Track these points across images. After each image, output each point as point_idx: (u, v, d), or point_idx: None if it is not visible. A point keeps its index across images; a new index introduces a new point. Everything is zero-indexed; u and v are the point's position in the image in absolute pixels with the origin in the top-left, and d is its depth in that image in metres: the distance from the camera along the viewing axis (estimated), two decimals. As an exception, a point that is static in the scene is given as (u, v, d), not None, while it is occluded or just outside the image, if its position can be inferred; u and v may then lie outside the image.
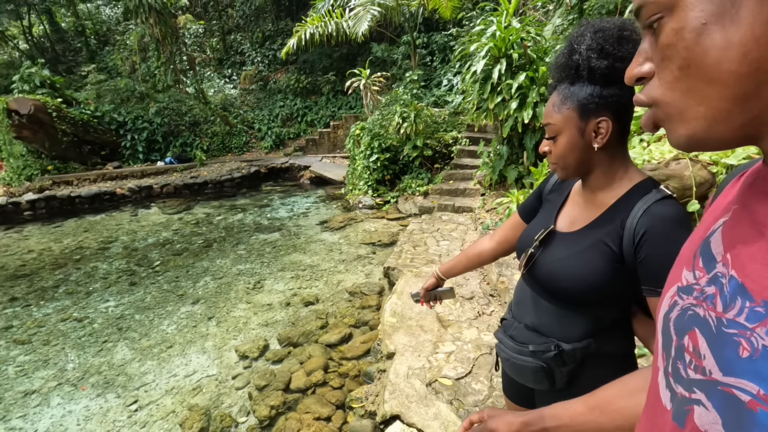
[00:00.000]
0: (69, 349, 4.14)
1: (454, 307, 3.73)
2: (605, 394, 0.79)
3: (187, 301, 4.98)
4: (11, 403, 3.43)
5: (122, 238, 7.31)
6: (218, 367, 3.76)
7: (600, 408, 0.78)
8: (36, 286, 5.52)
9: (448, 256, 4.88)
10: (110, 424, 3.18)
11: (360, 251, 6.14)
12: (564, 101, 1.04)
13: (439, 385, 2.71)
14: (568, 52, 1.03)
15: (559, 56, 1.07)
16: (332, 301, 4.76)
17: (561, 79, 1.07)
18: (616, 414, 0.76)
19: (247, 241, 6.91)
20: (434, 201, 6.97)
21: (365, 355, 3.64)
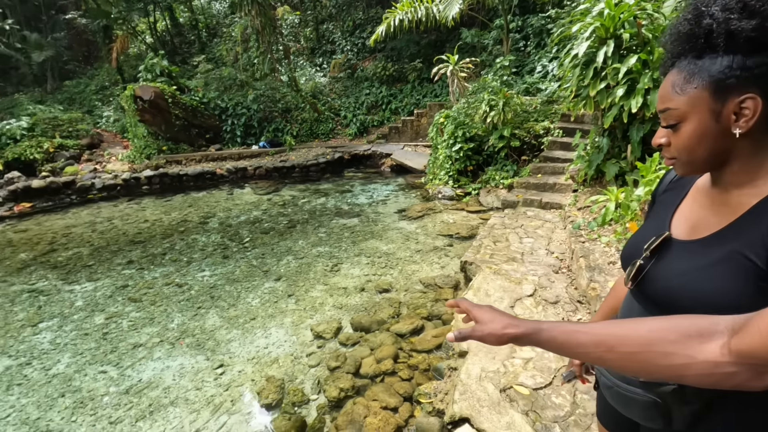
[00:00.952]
0: (170, 310, 4.63)
1: (535, 310, 3.47)
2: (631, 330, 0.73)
3: (270, 277, 5.29)
4: (123, 353, 3.93)
5: (219, 214, 8.00)
6: (294, 343, 3.93)
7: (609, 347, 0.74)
8: (148, 252, 6.26)
9: (532, 254, 4.56)
10: (199, 383, 3.49)
11: (437, 242, 6.02)
12: (689, 79, 0.82)
13: (514, 392, 2.52)
14: (693, 17, 0.81)
15: (678, 24, 0.85)
16: (406, 291, 4.72)
17: (681, 52, 0.85)
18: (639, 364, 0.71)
19: (328, 224, 7.14)
20: (519, 195, 6.57)
21: (436, 350, 3.55)
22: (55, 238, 6.94)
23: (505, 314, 0.86)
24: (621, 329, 0.73)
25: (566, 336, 0.77)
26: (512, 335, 0.81)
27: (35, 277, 5.49)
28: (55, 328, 4.35)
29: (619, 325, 0.75)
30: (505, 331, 0.82)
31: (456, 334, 0.89)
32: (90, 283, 5.32)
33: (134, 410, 3.24)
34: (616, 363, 0.72)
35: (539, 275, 4.04)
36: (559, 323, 0.80)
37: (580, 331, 0.76)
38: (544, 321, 0.82)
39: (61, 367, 3.76)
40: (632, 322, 0.74)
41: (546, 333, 0.79)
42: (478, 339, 0.85)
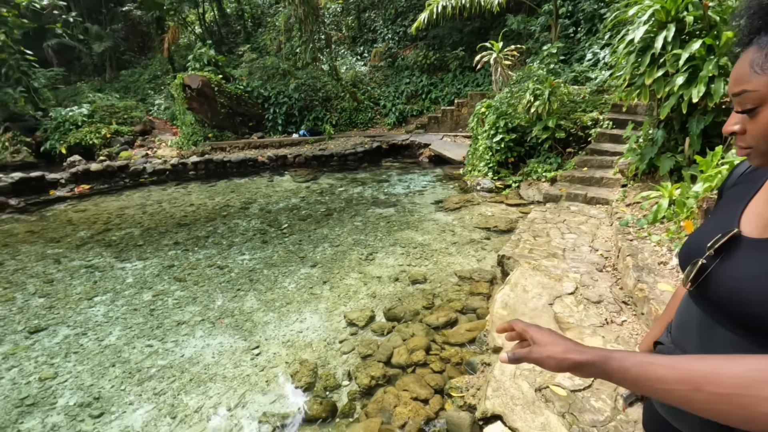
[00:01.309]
0: (212, 291, 4.82)
1: (576, 309, 3.32)
2: (714, 368, 0.62)
3: (306, 263, 5.38)
4: (168, 329, 4.14)
5: (259, 200, 8.23)
6: (328, 329, 3.99)
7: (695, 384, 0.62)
8: (193, 234, 6.55)
9: (574, 251, 4.36)
10: (236, 362, 3.62)
11: (473, 235, 5.90)
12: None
13: (550, 392, 2.43)
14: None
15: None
16: (440, 283, 4.67)
17: (762, 27, 0.74)
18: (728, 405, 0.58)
19: (364, 213, 7.17)
20: (563, 189, 6.30)
21: (469, 344, 3.49)
22: (110, 218, 7.39)
23: (567, 338, 0.78)
24: (711, 365, 0.62)
25: (642, 368, 0.66)
26: (575, 361, 0.73)
27: (92, 254, 5.89)
28: (108, 302, 4.65)
29: (708, 360, 0.63)
30: (566, 356, 0.74)
31: (510, 356, 0.82)
32: (140, 261, 5.63)
33: (176, 383, 3.41)
34: (703, 405, 0.60)
35: (581, 273, 3.87)
36: (632, 353, 0.70)
37: (659, 363, 0.65)
38: (614, 350, 0.72)
39: (112, 338, 4.02)
40: (725, 358, 0.63)
41: (616, 363, 0.68)
42: (535, 362, 0.78)
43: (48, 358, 3.76)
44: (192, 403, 3.20)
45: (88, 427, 3.04)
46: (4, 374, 3.59)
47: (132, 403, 3.24)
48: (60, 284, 5.06)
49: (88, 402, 3.26)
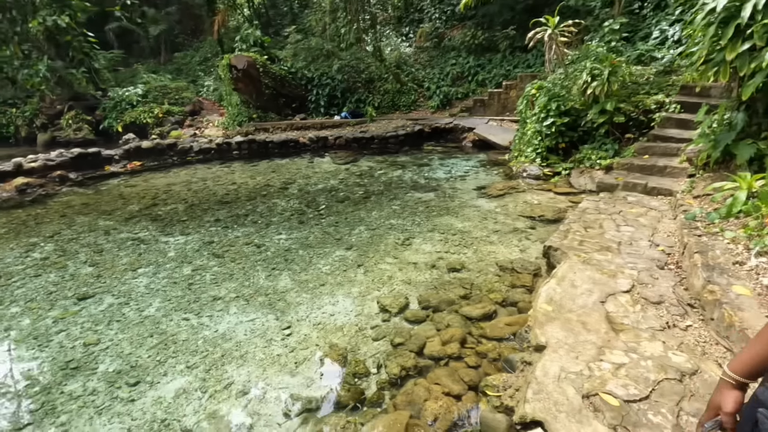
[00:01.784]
0: (248, 269, 4.84)
1: (632, 309, 2.99)
2: None
3: (342, 245, 5.29)
4: (204, 304, 4.19)
5: (299, 181, 8.24)
6: (360, 314, 3.88)
7: None
8: (233, 212, 6.64)
9: (631, 245, 3.97)
10: (267, 342, 3.59)
11: (517, 224, 5.56)
12: None
13: (600, 401, 2.17)
14: None
15: None
16: (479, 272, 4.42)
17: None
18: None
19: (403, 197, 6.98)
20: (619, 178, 5.78)
21: (508, 339, 3.25)
22: (158, 194, 7.67)
23: None
24: None
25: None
26: None
27: (139, 228, 6.11)
28: (150, 274, 4.79)
29: None
30: None
31: None
32: (182, 236, 5.78)
33: (209, 358, 3.43)
34: None
35: (639, 269, 3.49)
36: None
37: None
38: None
39: (152, 310, 4.12)
40: None
41: None
42: None
43: (93, 325, 3.91)
44: (222, 380, 3.21)
45: (124, 394, 3.12)
46: (54, 337, 3.77)
47: (166, 374, 3.29)
48: (108, 254, 5.28)
49: (126, 370, 3.35)
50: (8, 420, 2.92)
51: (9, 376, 3.33)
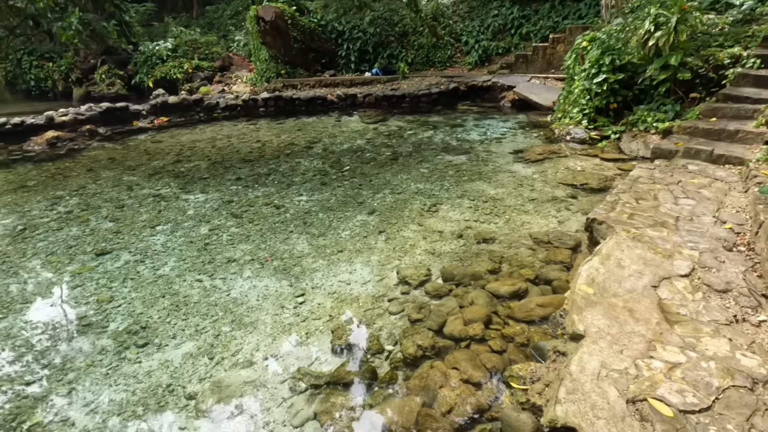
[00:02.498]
0: (265, 230, 4.65)
1: (691, 297, 2.55)
2: None
3: (364, 210, 4.99)
4: (218, 265, 4.05)
5: (324, 140, 7.90)
6: (378, 285, 3.62)
7: None
8: (255, 171, 6.44)
9: (692, 221, 3.43)
10: (279, 308, 3.41)
11: (557, 192, 5.05)
12: None
13: (648, 408, 1.82)
14: None
15: None
16: (510, 245, 4.03)
17: None
18: None
19: (432, 160, 6.53)
20: (679, 143, 5.09)
21: (540, 323, 2.90)
22: (182, 150, 7.57)
23: None
24: None
25: None
26: None
27: (161, 184, 6.04)
28: (168, 232, 4.70)
29: None
30: None
31: None
32: (202, 194, 5.64)
33: (218, 323, 3.30)
34: None
35: (701, 250, 3.00)
36: None
37: None
38: None
39: (166, 269, 4.03)
40: None
41: None
42: None
43: (108, 281, 3.86)
44: (231, 346, 3.07)
45: (132, 355, 3.04)
46: (70, 292, 3.75)
47: (175, 337, 3.19)
48: (129, 211, 5.23)
49: (136, 330, 3.26)
50: (16, 373, 2.90)
51: (22, 329, 3.33)
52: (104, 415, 2.56)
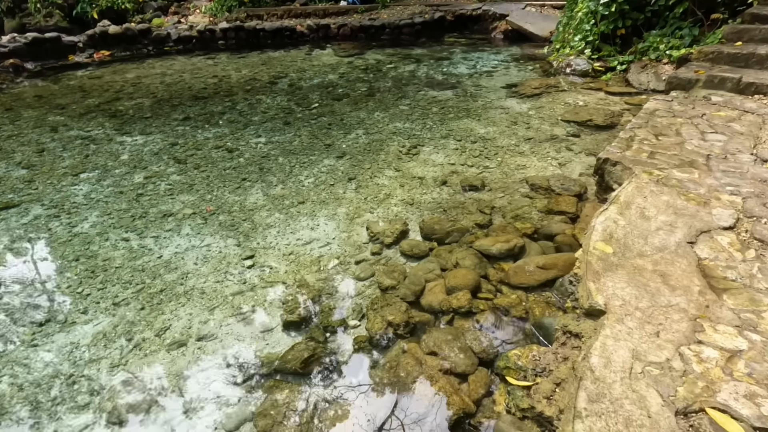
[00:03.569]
0: (213, 178, 3.90)
1: (739, 255, 1.96)
2: None
3: (332, 153, 4.24)
4: (151, 221, 3.33)
5: (291, 75, 6.90)
6: (344, 243, 2.97)
7: None
8: (207, 109, 5.52)
9: (726, 160, 2.80)
10: (221, 274, 2.76)
11: (556, 130, 4.35)
12: None
13: (709, 423, 1.26)
14: None
15: None
16: (504, 192, 3.38)
17: None
18: None
19: (413, 96, 5.69)
20: (700, 71, 4.36)
21: (542, 289, 2.32)
22: (124, 86, 6.50)
23: None
24: None
25: None
26: None
27: (93, 124, 5.10)
28: (94, 181, 3.89)
29: None
30: None
31: None
32: (142, 136, 4.77)
33: (143, 294, 2.64)
34: None
35: (743, 195, 2.39)
36: None
37: None
38: None
39: (86, 225, 3.29)
40: None
41: None
42: None
43: (8, 242, 3.12)
44: (156, 323, 2.43)
45: (26, 336, 2.39)
46: (-41, 258, 3.02)
47: (86, 313, 2.53)
48: (49, 156, 4.36)
49: (36, 304, 2.59)
50: None
51: None
52: (-28, 422, 1.94)
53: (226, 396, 2.01)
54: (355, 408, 1.80)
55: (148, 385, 2.09)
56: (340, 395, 1.90)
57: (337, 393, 1.92)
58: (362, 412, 1.77)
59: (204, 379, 2.10)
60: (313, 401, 1.91)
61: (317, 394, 1.94)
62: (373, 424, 1.69)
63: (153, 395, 2.04)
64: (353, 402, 1.84)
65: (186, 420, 1.91)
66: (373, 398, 1.82)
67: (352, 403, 1.83)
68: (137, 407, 1.99)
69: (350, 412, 1.78)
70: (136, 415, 1.96)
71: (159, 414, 1.95)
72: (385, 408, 1.72)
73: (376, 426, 1.67)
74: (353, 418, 1.75)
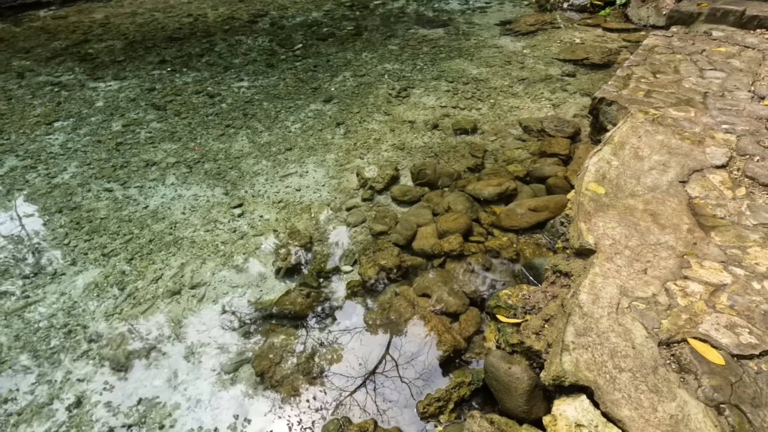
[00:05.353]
0: (195, 125, 3.74)
1: (729, 193, 1.97)
2: None
3: (318, 97, 4.06)
4: (134, 170, 3.22)
5: (272, 13, 6.45)
6: (334, 189, 2.92)
7: None
8: (184, 51, 5.19)
9: (723, 97, 2.74)
10: (211, 224, 2.72)
11: (551, 70, 4.19)
12: None
13: (689, 353, 1.32)
14: None
15: None
16: (496, 135, 3.31)
17: None
18: None
19: (403, 35, 5.39)
20: (702, 3, 4.16)
21: (533, 231, 2.33)
22: (92, 27, 6.04)
23: None
24: None
25: None
26: None
27: (62, 69, 4.79)
28: (69, 129, 3.72)
29: None
30: None
31: None
32: (116, 81, 4.50)
33: (132, 244, 2.61)
34: None
35: (738, 133, 2.36)
36: None
37: None
38: None
39: (65, 176, 3.18)
40: None
41: None
42: None
43: (-14, 196, 3.02)
44: (148, 273, 2.43)
45: (16, 289, 2.37)
46: (-63, 212, 2.92)
47: (75, 263, 2.51)
48: (18, 104, 4.12)
49: (21, 257, 2.55)
50: None
51: None
52: (-29, 371, 1.97)
53: (224, 341, 2.05)
54: (350, 348, 1.86)
55: (146, 332, 2.12)
56: (335, 337, 1.95)
57: (333, 335, 1.97)
58: (357, 352, 1.82)
59: (201, 326, 2.13)
60: (309, 343, 1.96)
61: (313, 337, 1.99)
62: (367, 363, 1.75)
63: (152, 342, 2.08)
64: (348, 343, 1.89)
65: (187, 364, 1.96)
66: (368, 338, 1.87)
67: (347, 344, 1.88)
68: (138, 354, 2.03)
69: (345, 352, 1.84)
70: (139, 360, 2.00)
71: (160, 359, 2.00)
72: (380, 347, 1.77)
73: (371, 364, 1.72)
74: (348, 358, 1.81)
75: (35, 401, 1.85)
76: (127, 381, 1.90)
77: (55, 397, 1.86)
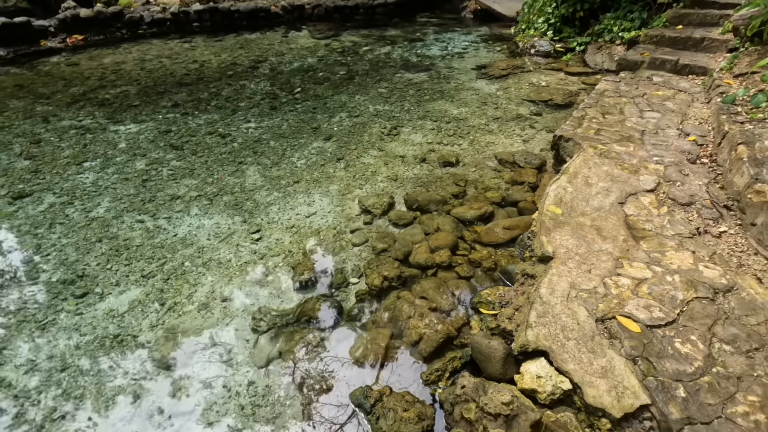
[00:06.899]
0: (211, 162, 4.22)
1: (656, 212, 2.53)
2: None
3: (319, 136, 4.61)
4: (161, 204, 3.66)
5: (271, 59, 7.11)
6: (339, 215, 3.41)
7: None
8: (194, 96, 5.74)
9: (657, 134, 3.37)
10: (233, 247, 3.16)
11: (521, 110, 4.85)
12: None
13: (617, 325, 1.81)
14: None
15: None
16: (475, 167, 3.88)
17: None
18: None
19: (391, 78, 6.06)
20: (645, 53, 4.91)
21: (507, 245, 2.85)
22: (105, 74, 6.58)
23: None
24: None
25: None
26: None
27: (83, 114, 5.27)
28: (98, 169, 4.16)
29: None
30: None
31: None
32: (134, 124, 4.99)
33: (167, 266, 3.02)
34: None
35: (666, 164, 2.96)
36: None
37: None
38: None
39: (100, 210, 3.60)
40: None
41: None
42: None
43: (31, 227, 3.41)
44: (183, 290, 2.84)
45: (70, 306, 2.75)
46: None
47: (118, 284, 2.90)
48: (47, 146, 4.56)
49: (72, 279, 2.94)
50: (-65, 339, 2.57)
51: (-65, 289, 2.92)
52: (45, 373, 2.34)
53: (254, 341, 2.46)
54: (362, 339, 2.30)
55: (187, 338, 2.52)
56: (349, 333, 2.39)
57: (347, 332, 2.41)
58: (368, 343, 2.26)
59: (232, 331, 2.54)
60: (327, 340, 2.39)
61: (329, 335, 2.42)
62: (379, 348, 2.19)
63: (192, 346, 2.48)
64: (360, 335, 2.33)
65: (224, 363, 2.36)
66: (378, 331, 2.32)
67: (360, 336, 2.32)
68: (180, 355, 2.42)
69: (358, 342, 2.27)
70: (182, 359, 2.40)
71: (200, 359, 2.39)
72: (385, 337, 2.22)
73: (379, 350, 2.17)
74: (360, 348, 2.24)
75: (101, 395, 2.22)
76: (175, 374, 2.29)
77: (117, 393, 2.24)
